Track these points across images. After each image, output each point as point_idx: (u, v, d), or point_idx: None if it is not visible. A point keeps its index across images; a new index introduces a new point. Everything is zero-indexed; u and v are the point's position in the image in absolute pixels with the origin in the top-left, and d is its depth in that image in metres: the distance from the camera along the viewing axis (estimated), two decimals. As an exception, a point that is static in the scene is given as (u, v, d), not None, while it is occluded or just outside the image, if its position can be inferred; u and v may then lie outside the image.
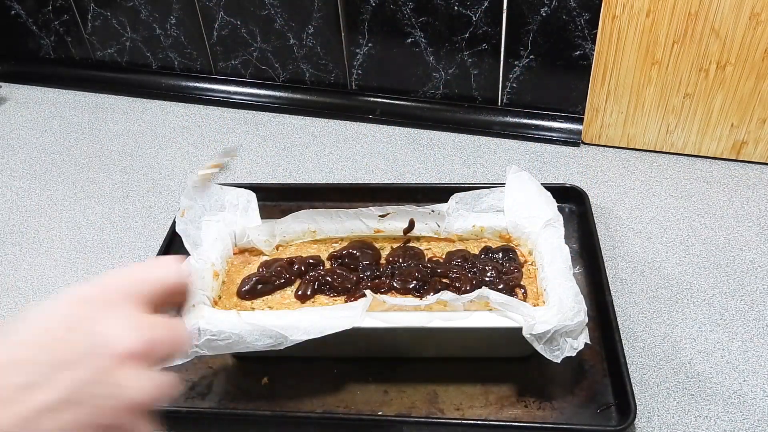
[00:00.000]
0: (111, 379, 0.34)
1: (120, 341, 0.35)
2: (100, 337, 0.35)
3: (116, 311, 0.36)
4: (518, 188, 0.72)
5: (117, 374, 0.34)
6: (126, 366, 0.34)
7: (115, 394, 0.34)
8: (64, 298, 0.36)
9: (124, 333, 0.35)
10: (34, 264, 0.81)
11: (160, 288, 0.38)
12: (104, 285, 0.37)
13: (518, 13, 0.87)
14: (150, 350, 0.35)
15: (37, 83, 1.14)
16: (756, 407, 0.61)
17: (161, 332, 0.37)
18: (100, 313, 0.35)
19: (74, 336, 0.34)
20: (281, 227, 0.72)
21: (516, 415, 0.61)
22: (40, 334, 0.35)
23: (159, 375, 0.36)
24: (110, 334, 0.35)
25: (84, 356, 0.34)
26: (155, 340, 0.36)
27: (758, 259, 0.75)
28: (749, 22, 0.77)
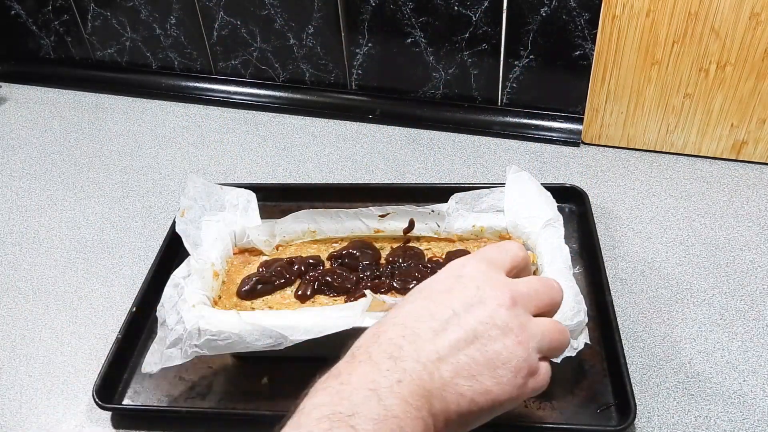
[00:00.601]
0: (498, 320, 0.43)
1: (497, 291, 0.45)
2: (483, 289, 0.45)
3: (489, 273, 0.46)
4: (518, 188, 0.72)
5: (503, 315, 0.44)
6: (509, 310, 0.44)
7: (504, 330, 0.43)
8: (446, 269, 0.47)
9: (500, 285, 0.45)
10: (34, 264, 0.81)
11: (512, 258, 0.49)
12: (476, 255, 0.49)
13: (518, 13, 0.87)
14: (522, 298, 0.45)
15: (37, 83, 1.14)
16: (756, 407, 0.61)
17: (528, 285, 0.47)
18: (478, 274, 0.46)
19: (464, 290, 0.45)
20: (281, 227, 0.72)
21: (516, 415, 0.61)
22: (439, 292, 0.45)
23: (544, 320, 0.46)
24: (488, 287, 0.45)
25: (476, 304, 0.44)
26: (524, 291, 0.46)
27: (758, 259, 0.75)
28: (749, 22, 0.77)
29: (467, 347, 0.42)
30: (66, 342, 0.71)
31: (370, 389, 0.39)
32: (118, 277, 0.78)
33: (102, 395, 0.62)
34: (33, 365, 0.69)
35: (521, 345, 0.43)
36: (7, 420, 0.64)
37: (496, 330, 0.43)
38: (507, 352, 0.43)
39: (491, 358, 0.42)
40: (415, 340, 0.42)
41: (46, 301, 0.76)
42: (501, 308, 0.44)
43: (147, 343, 0.67)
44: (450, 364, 0.41)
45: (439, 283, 0.47)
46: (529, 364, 0.44)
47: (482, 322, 0.43)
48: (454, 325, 0.43)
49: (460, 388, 0.41)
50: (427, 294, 0.46)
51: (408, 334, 0.42)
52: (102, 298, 0.76)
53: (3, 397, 0.66)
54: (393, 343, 0.42)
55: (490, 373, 0.42)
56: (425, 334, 0.42)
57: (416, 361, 0.41)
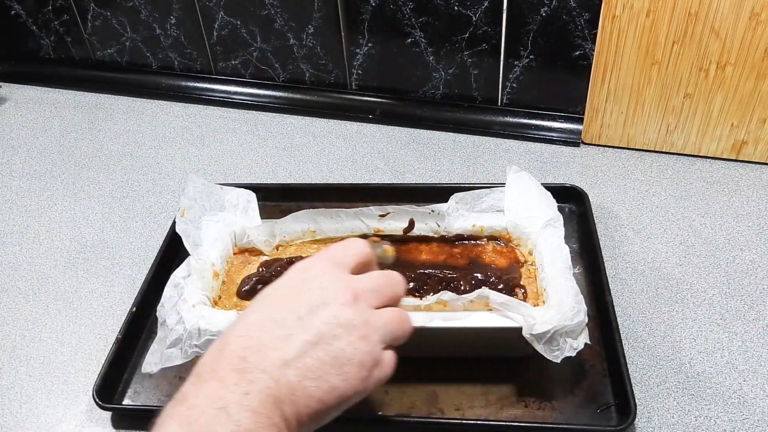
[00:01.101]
0: (342, 319, 0.45)
1: (340, 290, 0.46)
2: (326, 290, 0.46)
3: (332, 273, 0.47)
4: (518, 188, 0.72)
5: (346, 313, 0.45)
6: (352, 307, 0.45)
7: (348, 328, 0.45)
8: (289, 272, 0.48)
9: (343, 284, 0.47)
10: (34, 264, 0.81)
11: (356, 256, 0.50)
12: (319, 256, 0.49)
13: (518, 13, 0.87)
14: (365, 294, 0.47)
15: (37, 83, 1.14)
16: (756, 407, 0.61)
17: (371, 280, 0.48)
18: (321, 275, 0.47)
19: (309, 293, 0.46)
20: (281, 227, 0.72)
21: (516, 415, 0.61)
22: (282, 297, 0.46)
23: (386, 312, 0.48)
24: (332, 288, 0.46)
25: (320, 305, 0.45)
26: (366, 287, 0.47)
27: (758, 259, 0.75)
28: (749, 22, 0.77)
29: (312, 349, 0.43)
30: (66, 342, 0.71)
31: (219, 407, 0.40)
32: (118, 277, 0.78)
33: (102, 395, 0.62)
34: (33, 365, 0.69)
35: (365, 339, 0.45)
36: (7, 420, 0.64)
37: (340, 329, 0.44)
38: (351, 349, 0.44)
39: (337, 356, 0.44)
40: (261, 350, 0.43)
41: (46, 301, 0.76)
42: (344, 307, 0.45)
43: (147, 343, 0.67)
44: (296, 368, 0.42)
45: (283, 287, 0.47)
46: (372, 356, 0.46)
47: (326, 323, 0.44)
48: (299, 329, 0.44)
49: (309, 390, 0.42)
50: (270, 301, 0.47)
51: (252, 344, 0.43)
52: (102, 298, 0.76)
53: (3, 397, 0.66)
54: (238, 356, 0.42)
55: (337, 371, 0.43)
56: (270, 342, 0.43)
57: (262, 371, 0.42)
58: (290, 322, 0.44)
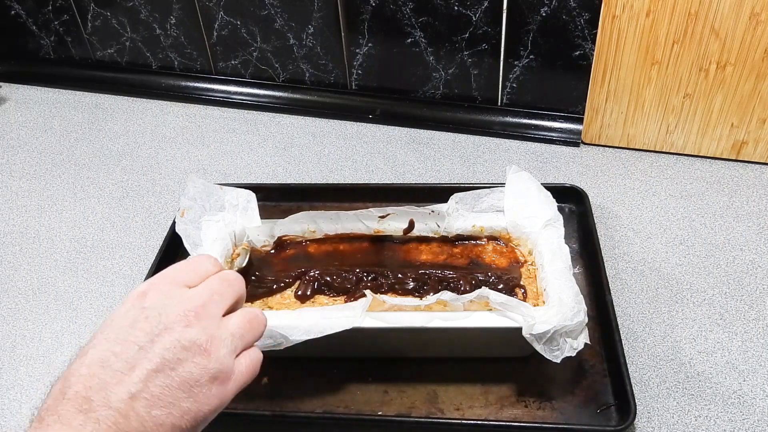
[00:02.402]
0: (184, 341, 0.43)
1: (180, 312, 0.45)
2: (164, 316, 0.44)
3: (170, 294, 0.46)
4: (518, 188, 0.72)
5: (188, 334, 0.44)
6: (194, 326, 0.44)
7: (191, 349, 0.43)
8: (127, 300, 0.46)
9: (180, 305, 0.45)
10: (34, 264, 0.81)
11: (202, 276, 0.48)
12: (158, 277, 0.48)
13: (518, 13, 0.87)
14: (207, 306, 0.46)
15: (37, 83, 1.14)
16: (756, 407, 0.61)
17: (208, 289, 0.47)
18: (159, 298, 0.45)
19: (147, 321, 0.44)
20: (281, 228, 0.72)
21: (516, 415, 0.61)
22: (120, 329, 0.44)
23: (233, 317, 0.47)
24: (171, 311, 0.45)
25: (160, 332, 0.43)
26: (206, 299, 0.46)
27: (758, 259, 0.75)
28: (749, 22, 0.77)
29: (157, 377, 0.42)
30: (66, 342, 0.71)
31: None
32: (118, 277, 0.78)
33: (102, 395, 0.62)
34: (33, 365, 0.69)
35: (210, 357, 0.44)
36: (8, 420, 0.64)
37: (184, 351, 0.43)
38: (198, 369, 0.43)
39: (185, 380, 0.42)
40: (104, 387, 0.41)
41: (46, 301, 0.76)
42: (187, 328, 0.44)
43: (147, 343, 0.67)
44: (143, 400, 0.41)
45: (122, 318, 0.45)
46: (222, 371, 0.44)
47: (168, 348, 0.43)
48: (141, 359, 0.42)
49: (158, 419, 0.41)
50: (109, 334, 0.44)
51: (95, 384, 0.41)
52: (102, 298, 0.76)
53: (3, 397, 0.66)
54: (81, 396, 0.41)
55: (187, 394, 0.42)
56: (113, 378, 0.41)
57: (108, 407, 0.40)
58: (131, 353, 0.42)
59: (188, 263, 0.50)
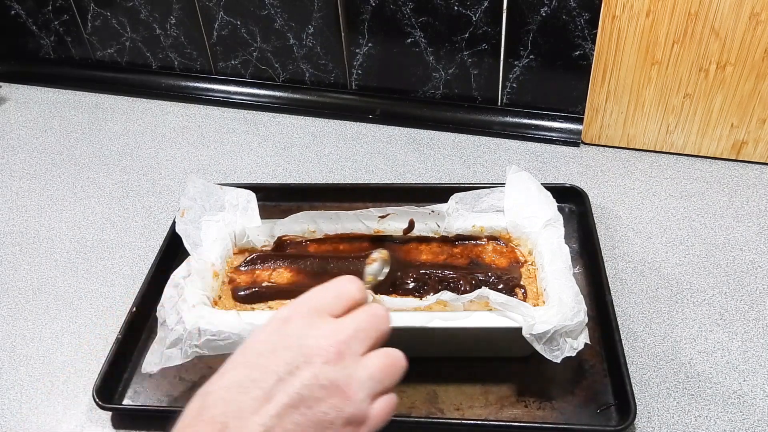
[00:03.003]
0: (323, 380, 0.42)
1: (322, 345, 0.43)
2: (307, 347, 0.43)
3: (314, 324, 0.44)
4: (518, 188, 0.72)
5: (328, 373, 0.42)
6: (336, 365, 0.43)
7: (329, 390, 0.42)
8: (270, 323, 0.45)
9: (325, 339, 0.43)
10: (34, 264, 0.81)
11: (346, 303, 0.46)
12: (301, 304, 0.46)
13: (518, 13, 0.87)
14: (350, 343, 0.44)
15: (37, 83, 1.14)
16: (756, 407, 0.61)
17: (356, 325, 0.45)
18: (302, 328, 0.44)
19: (287, 351, 0.43)
20: (281, 228, 0.72)
21: (516, 415, 0.61)
22: (261, 354, 0.43)
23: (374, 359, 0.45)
24: (312, 343, 0.43)
25: (301, 365, 0.42)
26: (351, 336, 0.44)
27: (758, 259, 0.75)
28: (749, 22, 0.77)
29: (293, 413, 0.41)
30: (66, 342, 0.71)
31: None
32: (118, 277, 0.78)
33: (102, 395, 0.62)
34: (33, 365, 0.69)
35: (348, 401, 0.42)
36: (7, 420, 0.64)
37: (322, 391, 0.42)
38: (334, 412, 0.42)
39: (319, 420, 0.42)
40: (240, 415, 0.41)
41: (46, 301, 0.76)
42: (326, 366, 0.43)
43: (147, 343, 0.67)
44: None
45: (263, 343, 0.45)
46: (357, 416, 0.43)
47: (307, 386, 0.42)
48: (279, 392, 0.42)
49: None
50: (248, 357, 0.44)
51: (232, 410, 0.41)
52: (102, 298, 0.76)
53: (3, 397, 0.66)
54: (218, 421, 0.41)
55: None
56: (249, 406, 0.41)
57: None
58: (270, 382, 0.42)
59: (333, 288, 0.47)
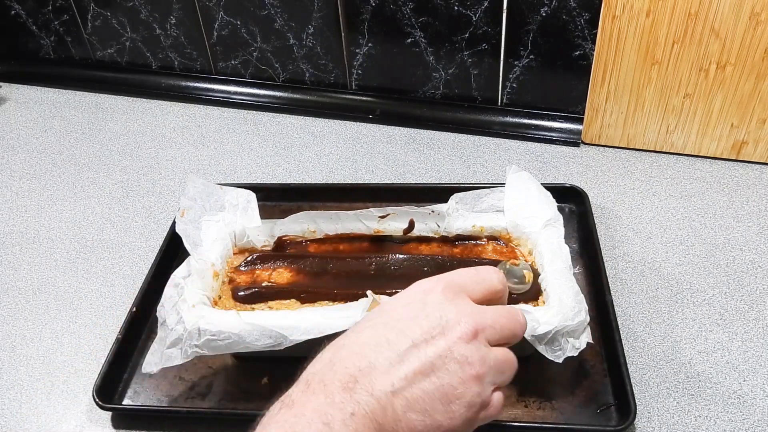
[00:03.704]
0: (457, 354, 0.42)
1: (461, 321, 0.44)
2: (445, 319, 0.44)
3: (455, 301, 0.45)
4: (518, 188, 0.72)
5: (462, 349, 0.43)
6: (470, 343, 0.43)
7: (462, 364, 0.42)
8: (411, 291, 0.46)
9: (464, 317, 0.44)
10: (34, 264, 0.81)
11: (486, 289, 0.47)
12: (444, 279, 0.47)
13: (518, 13, 0.87)
14: (486, 330, 0.44)
15: (37, 83, 1.14)
16: (756, 407, 0.61)
17: (494, 316, 0.45)
18: (443, 302, 0.45)
19: (427, 320, 0.44)
20: (281, 228, 0.72)
21: (516, 415, 0.61)
22: (400, 319, 0.44)
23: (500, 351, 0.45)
24: (452, 318, 0.44)
25: (437, 335, 0.43)
26: (488, 323, 0.45)
27: (758, 259, 0.75)
28: (749, 22, 0.77)
29: (423, 380, 0.42)
30: (66, 342, 0.71)
31: (324, 422, 0.40)
32: (118, 277, 0.78)
33: (102, 395, 0.62)
34: (33, 365, 0.69)
35: (477, 380, 0.43)
36: (7, 420, 0.64)
37: (455, 364, 0.42)
38: (463, 387, 0.42)
39: (446, 393, 0.42)
40: (371, 372, 0.42)
41: (46, 301, 0.76)
42: (461, 341, 0.43)
43: (147, 343, 0.67)
44: (404, 398, 0.41)
45: (402, 308, 0.46)
46: (482, 398, 0.44)
47: (440, 356, 0.42)
48: (412, 356, 0.42)
49: (412, 423, 0.41)
50: (387, 319, 0.45)
51: (364, 365, 0.42)
52: (102, 298, 0.76)
53: (3, 397, 0.66)
54: (348, 373, 0.42)
55: (444, 407, 0.42)
56: (381, 365, 0.42)
57: (370, 395, 0.41)
58: (404, 346, 0.43)
59: (476, 272, 0.48)
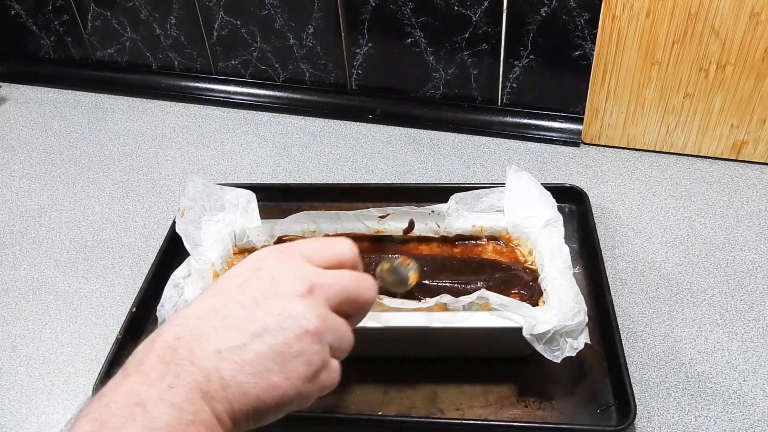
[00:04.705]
0: (292, 311, 0.40)
1: (296, 279, 0.41)
2: (278, 279, 0.41)
3: (290, 263, 0.43)
4: (518, 188, 0.72)
5: (298, 305, 0.40)
6: (306, 299, 0.41)
7: (297, 320, 0.40)
8: (245, 261, 0.44)
9: (299, 275, 0.42)
10: (34, 264, 0.81)
11: (331, 256, 0.44)
12: (279, 246, 0.45)
13: (518, 13, 0.87)
14: (324, 288, 0.42)
15: (37, 83, 1.14)
16: (756, 407, 0.61)
17: (335, 276, 0.43)
18: (277, 264, 0.43)
19: (258, 282, 0.41)
20: (281, 228, 0.72)
21: (516, 415, 0.61)
22: (230, 287, 0.42)
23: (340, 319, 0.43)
24: (286, 277, 0.41)
25: (269, 297, 0.41)
26: (326, 282, 0.42)
27: (758, 259, 0.75)
28: (749, 22, 0.77)
29: (254, 341, 0.39)
30: (66, 342, 0.71)
31: (136, 403, 0.36)
32: (118, 277, 0.78)
33: (102, 395, 0.62)
34: (33, 365, 0.69)
35: (315, 336, 0.40)
36: (8, 420, 0.64)
37: (289, 320, 0.40)
38: (299, 345, 0.39)
39: (281, 352, 0.39)
40: (194, 340, 0.38)
41: (46, 301, 0.76)
42: (296, 298, 0.40)
43: (147, 343, 0.67)
44: (232, 362, 0.38)
45: (233, 277, 0.43)
46: (322, 357, 0.41)
47: (273, 314, 0.40)
48: (241, 319, 0.39)
49: (243, 387, 0.38)
50: (217, 290, 0.42)
51: (186, 335, 0.39)
52: (102, 298, 0.76)
53: (3, 397, 0.66)
54: (168, 347, 0.38)
55: (279, 368, 0.39)
56: (205, 332, 0.39)
57: (192, 363, 0.37)
58: (233, 311, 0.40)
59: (321, 241, 0.46)
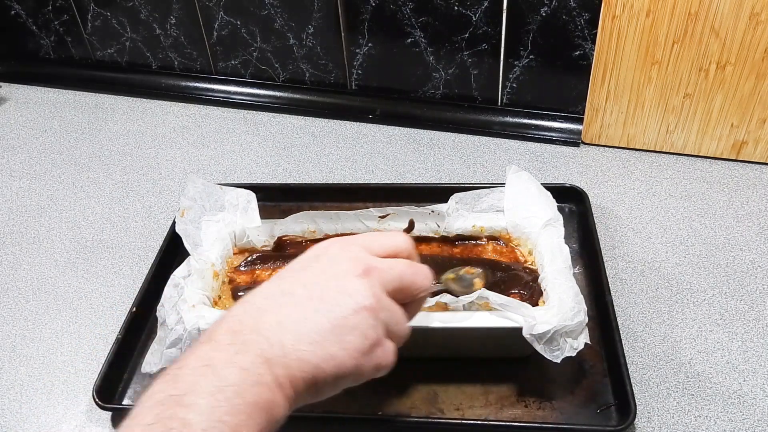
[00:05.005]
0: (350, 288, 0.43)
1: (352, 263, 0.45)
2: (336, 263, 0.45)
3: (349, 249, 0.46)
4: (518, 188, 0.72)
5: (355, 283, 0.43)
6: (362, 279, 0.44)
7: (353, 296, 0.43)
8: (308, 251, 0.47)
9: (357, 258, 0.45)
10: (34, 264, 0.81)
11: (389, 246, 0.48)
12: (339, 239, 0.48)
13: (518, 13, 0.87)
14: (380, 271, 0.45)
15: (37, 83, 1.14)
16: (756, 407, 0.61)
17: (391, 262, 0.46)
18: (336, 251, 0.46)
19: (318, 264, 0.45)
20: (281, 228, 0.72)
21: (516, 415, 0.61)
22: (293, 270, 0.46)
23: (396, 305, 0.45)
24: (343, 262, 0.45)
25: (328, 277, 0.44)
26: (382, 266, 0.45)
27: (758, 259, 0.75)
28: (749, 22, 0.77)
29: (312, 315, 0.42)
30: (66, 342, 0.71)
31: (206, 365, 0.39)
32: (118, 277, 0.78)
33: (102, 395, 0.62)
34: (33, 365, 0.69)
35: (371, 311, 0.43)
36: (7, 420, 0.64)
37: (346, 296, 0.43)
38: (356, 318, 0.42)
39: (339, 324, 0.42)
40: (258, 314, 0.42)
41: (46, 301, 0.76)
42: (354, 278, 0.44)
43: (147, 343, 0.67)
44: (293, 332, 0.41)
45: (297, 263, 0.46)
46: (377, 332, 0.43)
47: (331, 291, 0.43)
48: (302, 297, 0.43)
49: (303, 354, 0.41)
50: (282, 275, 0.46)
51: (252, 310, 0.43)
52: (102, 298, 0.76)
53: (3, 397, 0.66)
54: (236, 320, 0.42)
55: (337, 338, 0.42)
56: (270, 307, 0.43)
57: (257, 333, 0.41)
58: (296, 290, 0.43)
59: (381, 234, 0.49)
